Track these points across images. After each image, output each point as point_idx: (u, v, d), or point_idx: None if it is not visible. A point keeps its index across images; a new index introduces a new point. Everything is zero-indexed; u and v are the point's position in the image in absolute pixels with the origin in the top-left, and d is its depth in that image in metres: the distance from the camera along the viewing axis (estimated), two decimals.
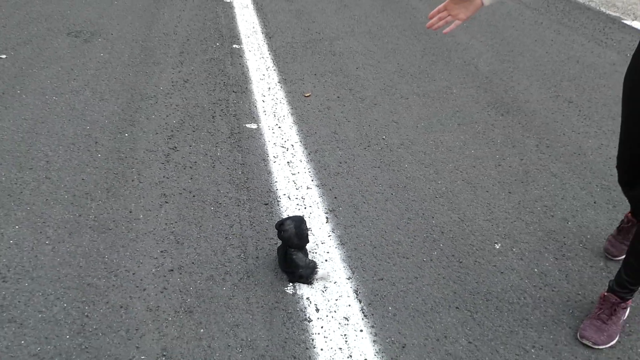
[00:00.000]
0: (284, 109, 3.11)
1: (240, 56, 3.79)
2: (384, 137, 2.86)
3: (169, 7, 4.79)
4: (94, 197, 2.31)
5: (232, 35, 4.18)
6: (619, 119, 3.08)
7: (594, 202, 2.39)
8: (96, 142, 2.70)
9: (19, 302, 1.79)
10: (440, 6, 1.67)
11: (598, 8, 5.16)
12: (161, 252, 2.03)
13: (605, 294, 1.77)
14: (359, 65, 3.74)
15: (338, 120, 3.01)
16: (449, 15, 1.68)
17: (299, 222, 1.85)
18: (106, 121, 2.90)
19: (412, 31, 4.40)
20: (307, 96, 3.27)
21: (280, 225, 1.86)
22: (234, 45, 3.97)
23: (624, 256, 1.94)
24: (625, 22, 4.77)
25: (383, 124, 2.98)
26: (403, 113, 3.11)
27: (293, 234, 1.84)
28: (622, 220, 2.08)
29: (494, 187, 2.49)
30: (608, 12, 5.04)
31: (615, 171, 2.60)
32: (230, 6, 4.85)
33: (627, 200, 2.17)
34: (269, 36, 4.19)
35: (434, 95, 3.34)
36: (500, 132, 2.94)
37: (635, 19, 4.87)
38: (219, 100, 3.17)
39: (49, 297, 1.81)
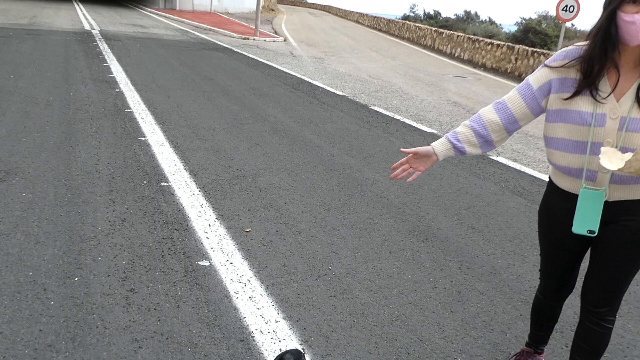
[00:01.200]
0: (229, 244, 3.24)
1: (172, 194, 3.91)
2: (330, 267, 3.10)
3: (83, 144, 4.80)
4: (59, 349, 2.19)
5: (157, 173, 4.29)
6: (516, 241, 3.67)
7: (520, 315, 2.80)
8: (45, 289, 2.59)
9: None
10: (403, 160, 2.06)
11: None
12: None
13: None
14: (286, 200, 4.04)
15: (283, 254, 3.20)
16: (410, 167, 2.08)
17: (298, 356, 1.96)
18: (49, 265, 2.79)
19: (322, 167, 4.88)
20: (248, 231, 3.45)
21: (280, 359, 1.95)
22: (162, 183, 4.08)
23: None
24: (491, 158, 5.74)
25: (325, 255, 3.24)
26: (339, 244, 3.40)
27: None
28: (519, 352, 2.38)
29: (437, 307, 2.81)
30: None
31: (529, 286, 3.08)
32: (146, 144, 5.00)
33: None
34: (193, 173, 4.37)
35: (361, 226, 3.71)
36: (426, 257, 3.34)
37: (498, 155, 5.88)
38: (163, 238, 3.22)
39: None
